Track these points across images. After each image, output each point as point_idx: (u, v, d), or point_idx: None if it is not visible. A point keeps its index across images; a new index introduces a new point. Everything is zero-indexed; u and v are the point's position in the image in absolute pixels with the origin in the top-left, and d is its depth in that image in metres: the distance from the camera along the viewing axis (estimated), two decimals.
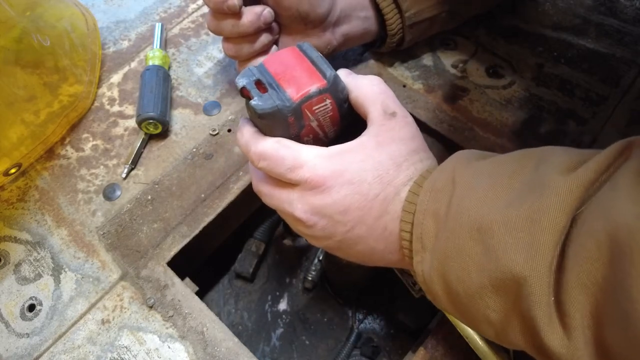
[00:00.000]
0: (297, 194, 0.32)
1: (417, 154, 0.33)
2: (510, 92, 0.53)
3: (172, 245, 0.44)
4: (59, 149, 0.51)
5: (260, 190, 0.35)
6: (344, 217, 0.31)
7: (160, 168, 0.49)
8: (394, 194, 0.31)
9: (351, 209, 0.31)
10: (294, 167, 0.31)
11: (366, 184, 0.31)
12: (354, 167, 0.31)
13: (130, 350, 0.39)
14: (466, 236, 0.26)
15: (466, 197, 0.27)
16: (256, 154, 0.32)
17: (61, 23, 0.53)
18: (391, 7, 0.49)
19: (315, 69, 0.32)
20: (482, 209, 0.26)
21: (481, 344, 0.35)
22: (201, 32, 0.61)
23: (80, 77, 0.53)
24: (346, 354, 0.56)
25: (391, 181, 0.31)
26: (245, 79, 0.32)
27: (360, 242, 0.32)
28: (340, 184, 0.30)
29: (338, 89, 0.32)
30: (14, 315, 0.41)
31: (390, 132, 0.32)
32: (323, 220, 0.32)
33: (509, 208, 0.25)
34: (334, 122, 0.34)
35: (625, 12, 0.60)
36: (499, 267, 0.24)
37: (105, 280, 0.43)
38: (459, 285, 0.27)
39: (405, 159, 0.32)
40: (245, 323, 0.61)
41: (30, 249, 0.45)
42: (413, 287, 0.41)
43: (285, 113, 0.31)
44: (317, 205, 0.31)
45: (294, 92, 0.31)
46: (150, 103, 0.49)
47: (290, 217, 0.33)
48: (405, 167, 0.32)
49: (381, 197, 0.31)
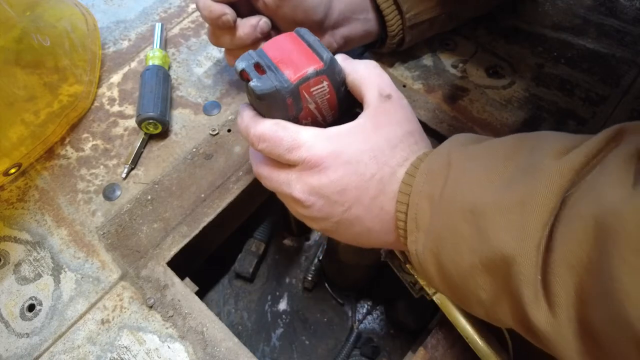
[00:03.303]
0: (295, 174, 0.32)
1: (412, 136, 0.33)
2: (510, 92, 0.53)
3: (172, 245, 0.44)
4: (59, 149, 0.51)
5: (259, 173, 0.35)
6: (341, 197, 0.32)
7: (160, 168, 0.49)
8: (390, 174, 0.32)
9: (348, 188, 0.31)
10: (292, 148, 0.31)
11: (363, 165, 0.31)
12: (351, 148, 0.31)
13: (130, 350, 0.39)
14: (459, 218, 0.27)
15: (461, 179, 0.28)
16: (255, 135, 0.32)
17: (61, 23, 0.53)
18: (392, 8, 0.49)
19: (313, 52, 0.33)
20: (476, 192, 0.27)
21: (481, 344, 0.35)
22: (201, 32, 0.61)
23: (80, 77, 0.53)
24: (346, 354, 0.56)
25: (387, 162, 0.32)
26: (244, 62, 0.32)
27: (357, 223, 0.33)
28: (338, 164, 0.31)
29: (335, 71, 0.33)
30: (14, 315, 0.41)
31: (386, 114, 0.32)
32: (321, 201, 0.32)
33: (501, 191, 0.25)
34: (332, 105, 0.34)
35: (625, 12, 0.60)
36: (489, 247, 0.25)
37: (105, 280, 0.43)
38: (452, 265, 0.28)
39: (400, 140, 0.32)
40: (245, 323, 0.60)
41: (30, 249, 0.45)
42: (413, 287, 0.41)
43: (284, 94, 0.31)
44: (314, 186, 0.32)
45: (291, 73, 0.31)
46: (150, 103, 0.49)
47: (289, 198, 0.33)
48: (401, 149, 0.32)
49: (377, 177, 0.31)
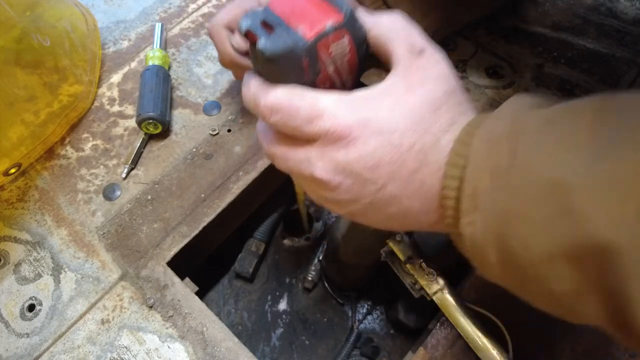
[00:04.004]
0: (316, 150, 0.27)
1: (455, 95, 0.28)
2: (510, 92, 0.53)
3: (172, 245, 0.44)
4: (59, 149, 0.51)
5: (272, 153, 0.30)
6: (373, 173, 0.27)
7: (160, 168, 0.49)
8: (432, 142, 0.26)
9: (382, 163, 0.26)
10: (311, 118, 0.26)
11: (398, 134, 0.26)
12: (382, 114, 0.26)
13: (130, 350, 0.39)
14: (536, 195, 0.22)
15: (535, 149, 0.23)
16: (266, 106, 0.27)
17: (61, 23, 0.53)
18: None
19: (328, 3, 0.27)
20: (559, 164, 0.22)
21: (481, 344, 0.35)
22: (201, 32, 0.61)
23: (80, 77, 0.53)
24: (346, 354, 0.56)
25: (428, 128, 0.26)
26: (249, 20, 0.27)
27: (392, 203, 0.28)
28: (368, 134, 0.26)
29: (356, 25, 0.28)
30: (14, 315, 0.41)
31: (420, 71, 0.27)
32: (349, 180, 0.27)
33: (595, 163, 0.20)
34: (352, 66, 0.29)
35: (626, 12, 0.60)
36: (581, 232, 0.20)
37: (105, 280, 0.43)
38: (522, 252, 0.23)
39: (442, 101, 0.27)
40: (245, 323, 0.60)
41: (30, 249, 0.45)
42: (413, 287, 0.41)
43: (299, 54, 0.26)
44: (341, 162, 0.27)
45: (306, 29, 0.26)
46: (150, 103, 0.49)
47: (309, 179, 0.28)
48: (445, 111, 0.27)
49: (417, 148, 0.26)
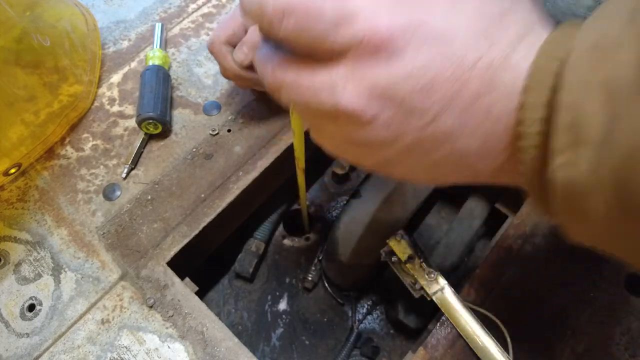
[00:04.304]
0: (345, 68, 0.20)
1: (523, 0, 0.21)
2: None
3: (172, 245, 0.44)
4: (59, 149, 0.51)
5: (280, 81, 0.22)
6: (424, 98, 0.19)
7: (160, 168, 0.49)
8: (502, 58, 0.19)
9: (437, 83, 0.19)
10: (339, 21, 0.19)
11: (459, 43, 0.19)
12: (436, 16, 0.19)
13: (130, 350, 0.39)
14: None
15: None
16: (277, 8, 0.20)
17: (61, 23, 0.53)
18: None
19: None
20: None
21: (481, 343, 0.35)
22: (201, 32, 0.61)
23: (80, 77, 0.53)
24: (346, 354, 0.56)
25: (496, 40, 0.19)
26: None
27: (443, 143, 0.20)
28: (419, 42, 0.19)
29: None
30: (14, 315, 0.42)
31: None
32: (389, 109, 0.20)
33: None
34: None
35: None
36: None
37: (105, 280, 0.43)
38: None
39: (508, 6, 0.20)
40: (245, 323, 0.61)
41: (30, 249, 0.45)
42: (413, 287, 0.41)
43: None
44: (380, 82, 0.19)
45: None
46: (150, 103, 0.49)
47: (331, 115, 0.21)
48: (513, 20, 0.19)
49: (483, 65, 0.19)
